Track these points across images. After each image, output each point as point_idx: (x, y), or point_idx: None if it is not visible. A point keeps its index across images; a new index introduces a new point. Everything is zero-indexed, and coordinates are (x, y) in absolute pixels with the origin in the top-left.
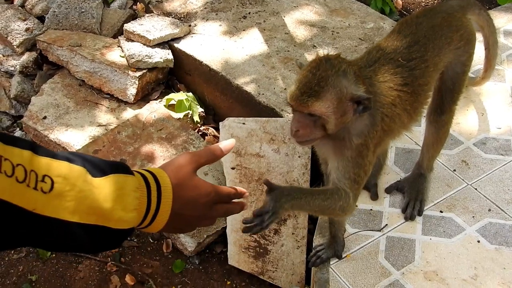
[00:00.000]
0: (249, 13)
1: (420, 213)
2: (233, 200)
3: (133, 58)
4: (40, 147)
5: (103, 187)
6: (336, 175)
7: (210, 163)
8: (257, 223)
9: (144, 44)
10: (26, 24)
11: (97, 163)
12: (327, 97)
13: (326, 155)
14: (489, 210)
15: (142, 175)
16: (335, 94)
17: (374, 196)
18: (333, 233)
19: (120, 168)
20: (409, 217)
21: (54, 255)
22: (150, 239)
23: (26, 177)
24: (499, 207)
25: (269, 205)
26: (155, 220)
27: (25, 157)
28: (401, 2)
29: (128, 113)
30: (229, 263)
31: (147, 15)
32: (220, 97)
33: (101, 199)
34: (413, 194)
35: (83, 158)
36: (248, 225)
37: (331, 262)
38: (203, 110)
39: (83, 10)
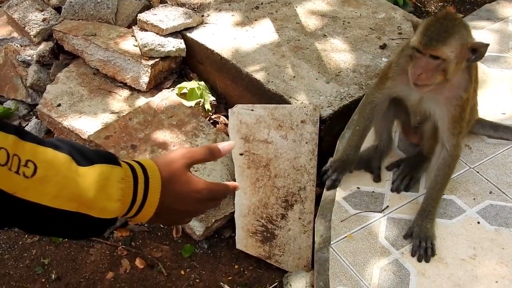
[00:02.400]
0: (262, 3)
1: (406, 188)
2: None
3: (146, 47)
4: (28, 133)
5: (87, 176)
6: (446, 135)
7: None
8: (423, 251)
9: (157, 34)
10: (43, 15)
11: (84, 152)
12: (453, 42)
13: (432, 110)
14: (490, 192)
15: (131, 166)
16: (459, 41)
17: (377, 179)
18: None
19: (107, 158)
20: (395, 189)
21: (66, 240)
22: (160, 224)
23: (8, 160)
24: (500, 190)
25: (424, 239)
26: (142, 211)
27: (10, 141)
28: None
29: (141, 101)
30: (237, 248)
31: (161, 5)
32: (231, 85)
33: (84, 187)
34: (407, 169)
35: (70, 146)
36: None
37: (331, 242)
38: (214, 98)
39: (98, 0)
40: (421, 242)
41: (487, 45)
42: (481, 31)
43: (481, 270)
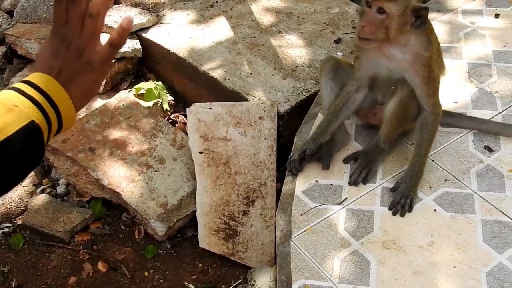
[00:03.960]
0: (216, 1)
1: (364, 181)
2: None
3: None
4: None
5: None
6: (423, 98)
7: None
8: (400, 207)
9: None
10: None
11: None
12: (398, 1)
13: (401, 71)
14: (446, 180)
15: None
16: (404, 1)
17: (325, 166)
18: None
19: None
20: (353, 183)
21: (26, 246)
22: (122, 226)
23: None
24: (455, 177)
25: (405, 196)
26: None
27: None
28: None
29: (98, 103)
30: (200, 246)
31: (115, 6)
32: (188, 84)
33: None
34: (364, 162)
35: None
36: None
37: (292, 236)
38: (172, 98)
39: (51, 3)
40: (401, 199)
41: (427, 8)
42: (432, 23)
43: (439, 257)
